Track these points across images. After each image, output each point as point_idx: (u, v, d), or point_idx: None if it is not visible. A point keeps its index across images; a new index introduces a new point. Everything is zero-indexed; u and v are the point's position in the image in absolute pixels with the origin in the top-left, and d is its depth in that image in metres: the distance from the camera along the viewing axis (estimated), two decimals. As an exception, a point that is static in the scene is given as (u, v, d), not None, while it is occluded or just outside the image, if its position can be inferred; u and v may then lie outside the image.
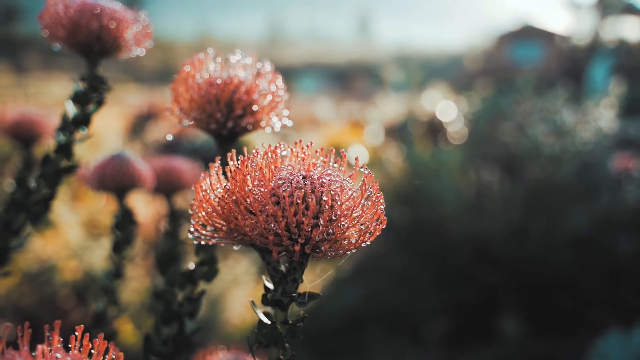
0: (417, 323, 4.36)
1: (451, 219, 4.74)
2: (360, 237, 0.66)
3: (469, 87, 10.34)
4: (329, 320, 4.40)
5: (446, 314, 4.33)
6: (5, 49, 27.03)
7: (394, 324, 4.39)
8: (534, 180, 4.60)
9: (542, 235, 4.30)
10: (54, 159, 1.08)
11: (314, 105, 15.22)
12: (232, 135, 0.94)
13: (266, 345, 0.68)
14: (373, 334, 4.27)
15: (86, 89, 1.10)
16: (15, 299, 3.98)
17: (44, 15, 1.05)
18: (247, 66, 0.97)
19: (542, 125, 4.96)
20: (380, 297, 4.60)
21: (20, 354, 0.49)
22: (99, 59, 1.12)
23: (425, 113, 8.85)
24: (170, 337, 0.95)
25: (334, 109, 14.34)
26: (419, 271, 4.65)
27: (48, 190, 1.06)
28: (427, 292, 4.50)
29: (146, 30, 1.13)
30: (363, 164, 0.69)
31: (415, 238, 4.94)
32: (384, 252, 5.27)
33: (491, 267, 4.34)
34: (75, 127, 1.09)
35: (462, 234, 4.62)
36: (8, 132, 1.66)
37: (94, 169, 1.44)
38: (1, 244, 1.02)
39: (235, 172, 0.65)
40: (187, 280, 0.98)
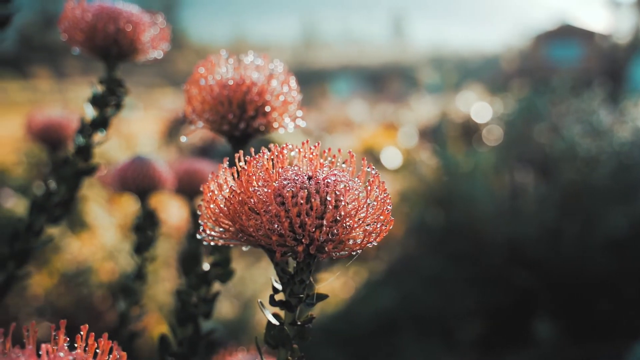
0: (450, 325, 4.32)
1: (485, 221, 4.68)
2: (365, 237, 0.65)
3: (505, 88, 10.21)
4: (362, 322, 4.39)
5: (480, 317, 4.28)
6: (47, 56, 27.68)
7: (427, 327, 4.36)
8: (570, 182, 4.52)
9: (577, 238, 4.22)
10: (73, 161, 1.10)
11: (348, 107, 15.20)
12: (244, 136, 0.94)
13: (274, 346, 0.67)
14: (406, 336, 4.24)
15: (104, 92, 1.11)
16: (53, 300, 4.07)
17: (63, 20, 1.07)
18: (260, 67, 0.97)
19: (578, 125, 4.88)
20: (413, 299, 4.57)
21: (24, 353, 0.50)
22: (117, 62, 1.13)
23: (459, 114, 8.78)
24: (186, 338, 0.96)
25: (367, 111, 14.30)
26: (453, 273, 4.60)
27: (67, 192, 1.08)
28: (460, 294, 4.45)
29: (163, 32, 1.14)
30: (370, 164, 0.68)
31: (449, 240, 4.90)
32: (417, 254, 5.24)
33: (525, 270, 4.28)
34: (93, 129, 1.11)
35: (496, 236, 4.56)
36: (37, 136, 1.70)
37: (116, 171, 1.47)
38: (23, 244, 1.05)
39: (241, 172, 0.66)
40: (202, 281, 0.98)
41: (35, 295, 4.02)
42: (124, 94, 1.13)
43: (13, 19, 1.15)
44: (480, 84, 13.71)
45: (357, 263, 5.56)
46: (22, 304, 3.95)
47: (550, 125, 5.32)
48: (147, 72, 25.45)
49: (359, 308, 4.61)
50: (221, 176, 0.69)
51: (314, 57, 39.21)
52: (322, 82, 23.44)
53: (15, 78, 22.63)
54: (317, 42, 50.48)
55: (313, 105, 16.28)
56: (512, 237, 4.46)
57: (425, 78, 16.40)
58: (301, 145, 0.70)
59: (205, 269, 1.00)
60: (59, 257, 4.18)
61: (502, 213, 4.68)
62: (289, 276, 0.68)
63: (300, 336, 0.67)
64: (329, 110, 14.48)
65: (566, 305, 4.17)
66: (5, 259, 1.03)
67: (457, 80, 13.23)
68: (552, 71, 17.28)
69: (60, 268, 4.14)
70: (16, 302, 3.94)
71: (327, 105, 16.20)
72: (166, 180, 1.47)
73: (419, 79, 16.78)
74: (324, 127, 11.41)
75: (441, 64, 25.44)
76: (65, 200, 1.08)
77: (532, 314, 4.15)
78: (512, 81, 13.08)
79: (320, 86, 21.35)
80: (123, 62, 1.14)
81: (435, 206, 5.22)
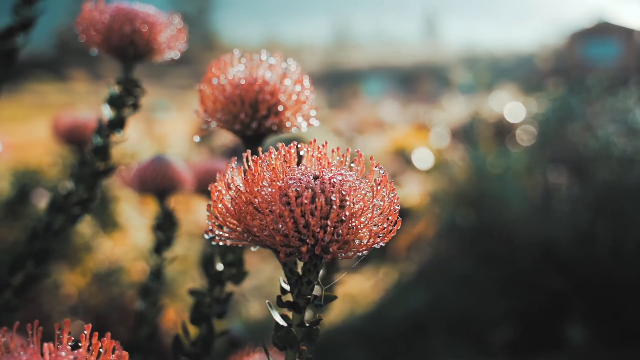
0: (480, 328, 4.27)
1: (516, 222, 4.62)
2: (371, 238, 0.64)
3: (539, 88, 10.06)
4: (392, 323, 4.37)
5: (510, 319, 4.22)
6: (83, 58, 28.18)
7: (457, 329, 4.32)
8: (604, 182, 4.43)
9: (612, 240, 4.13)
10: (91, 161, 1.11)
11: (379, 108, 15.14)
12: (257, 136, 0.94)
13: (281, 347, 0.67)
14: (436, 338, 4.21)
15: (121, 93, 1.12)
16: (85, 299, 4.13)
17: (81, 21, 1.08)
18: (273, 67, 0.96)
19: (613, 125, 4.78)
20: (443, 301, 4.54)
21: (26, 351, 0.50)
22: (133, 62, 1.14)
23: (492, 114, 8.67)
24: (200, 338, 0.96)
25: (399, 112, 14.22)
26: (483, 275, 4.55)
27: (86, 192, 1.09)
28: (491, 296, 4.40)
29: (180, 33, 1.14)
30: (378, 164, 0.67)
31: (480, 241, 4.85)
32: (448, 255, 5.20)
33: (558, 272, 4.21)
34: (111, 130, 1.12)
35: (527, 238, 4.50)
36: (63, 137, 1.72)
37: (135, 172, 1.47)
38: (42, 244, 1.06)
39: (247, 171, 0.65)
40: (216, 282, 0.98)
41: (68, 294, 4.08)
42: (141, 94, 1.14)
43: (37, 21, 1.16)
44: (513, 83, 13.53)
45: (388, 264, 5.54)
46: (55, 303, 4.02)
47: (584, 124, 5.23)
48: (180, 73, 25.73)
49: (389, 309, 4.60)
50: (228, 175, 0.69)
51: (346, 57, 39.14)
52: (354, 82, 23.40)
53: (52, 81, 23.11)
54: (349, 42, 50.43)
55: (344, 106, 16.26)
56: (544, 239, 4.39)
57: (457, 78, 16.24)
58: (309, 144, 0.69)
59: (218, 270, 1.00)
60: (91, 257, 4.24)
61: (534, 214, 4.62)
62: (297, 277, 0.67)
63: (309, 338, 0.66)
64: (360, 111, 14.44)
65: (598, 308, 4.09)
66: (25, 258, 1.04)
67: (490, 79, 13.09)
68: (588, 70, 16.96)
69: (92, 268, 4.20)
70: (49, 301, 4.01)
71: (359, 105, 16.16)
72: (185, 180, 1.48)
73: (452, 79, 16.63)
74: (355, 128, 11.39)
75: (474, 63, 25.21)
76: (83, 200, 1.09)
77: (563, 317, 4.08)
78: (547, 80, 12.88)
79: (351, 87, 21.32)
80: (140, 62, 1.15)
81: (467, 207, 5.17)
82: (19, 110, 13.99)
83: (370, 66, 34.47)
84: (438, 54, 39.63)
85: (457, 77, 16.19)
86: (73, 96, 17.94)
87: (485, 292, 4.45)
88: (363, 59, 37.92)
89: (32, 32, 1.17)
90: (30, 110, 14.54)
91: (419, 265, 5.42)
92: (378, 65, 34.74)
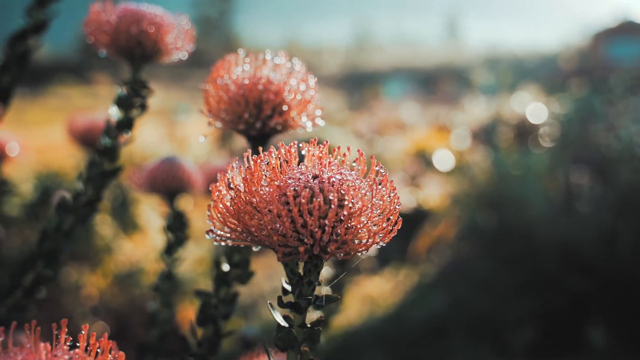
0: (501, 330, 4.23)
1: (538, 224, 4.57)
2: (371, 238, 0.63)
3: (563, 88, 9.96)
4: (412, 325, 4.35)
5: (531, 322, 4.18)
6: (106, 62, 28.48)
7: (477, 331, 4.28)
8: (627, 183, 4.37)
9: (634, 241, 4.07)
10: (99, 162, 1.11)
11: (400, 109, 15.08)
12: (261, 135, 0.94)
13: (283, 349, 0.66)
14: (456, 341, 4.18)
15: (129, 94, 1.12)
16: (107, 300, 4.16)
17: (89, 22, 1.09)
18: (278, 66, 0.96)
19: (635, 125, 4.72)
20: (463, 303, 4.50)
21: (22, 351, 0.50)
22: (141, 63, 1.14)
23: (514, 115, 8.60)
24: (206, 339, 0.96)
25: (420, 113, 14.15)
26: (504, 277, 4.51)
27: (94, 193, 1.10)
28: (511, 298, 4.36)
29: (188, 34, 1.14)
30: (379, 163, 0.66)
31: (500, 243, 4.81)
32: (468, 257, 5.16)
33: (579, 274, 4.16)
34: (119, 131, 1.12)
35: (549, 239, 4.45)
36: (78, 139, 1.74)
37: (145, 173, 1.48)
38: (51, 245, 1.07)
39: (246, 170, 0.65)
40: (222, 282, 0.98)
41: (89, 295, 4.12)
42: (148, 95, 1.14)
43: (50, 23, 1.18)
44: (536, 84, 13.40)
45: (408, 266, 5.52)
46: (77, 304, 4.06)
47: (607, 125, 5.18)
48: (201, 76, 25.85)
49: (409, 311, 4.57)
50: (229, 175, 0.68)
51: (367, 59, 39.08)
52: (375, 84, 23.33)
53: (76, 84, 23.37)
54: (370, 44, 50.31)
55: (365, 107, 16.22)
56: (565, 240, 4.34)
57: (479, 79, 16.11)
58: (309, 143, 0.69)
59: (224, 270, 0.99)
60: (112, 259, 4.28)
61: (556, 215, 4.57)
62: (298, 277, 0.66)
63: (311, 339, 0.65)
64: (381, 113, 14.39)
65: (621, 311, 4.03)
66: (35, 259, 1.05)
67: (512, 80, 12.96)
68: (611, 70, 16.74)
69: (113, 269, 4.24)
70: (71, 301, 4.05)
71: (379, 107, 16.11)
72: (195, 181, 1.48)
73: (473, 80, 16.50)
74: (375, 130, 11.36)
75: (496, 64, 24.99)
76: (91, 201, 1.09)
77: (585, 320, 4.03)
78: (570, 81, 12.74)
79: (372, 88, 21.26)
80: (147, 63, 1.15)
81: (487, 208, 5.13)
82: (43, 114, 14.17)
83: (391, 68, 34.38)
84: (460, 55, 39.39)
85: (478, 78, 16.06)
86: (96, 99, 18.12)
87: (505, 294, 4.41)
88: (384, 61, 37.82)
89: (45, 34, 1.18)
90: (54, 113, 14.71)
91: (439, 267, 5.39)
92: (399, 66, 34.63)
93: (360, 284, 5.25)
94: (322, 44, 51.90)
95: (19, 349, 0.51)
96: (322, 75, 29.49)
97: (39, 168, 5.44)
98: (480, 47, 44.87)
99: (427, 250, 5.66)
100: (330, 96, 19.13)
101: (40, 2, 1.20)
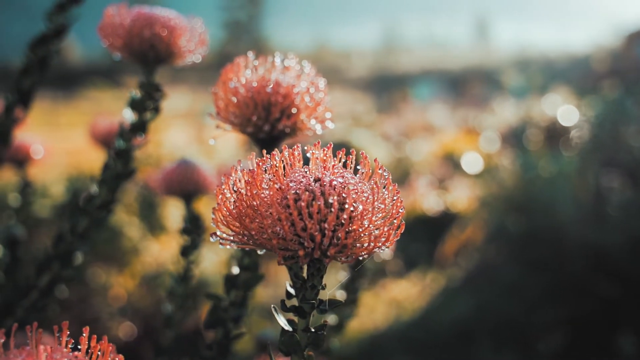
0: (529, 336, 4.17)
1: (567, 227, 4.50)
2: (372, 242, 0.62)
3: (594, 90, 9.80)
4: (438, 330, 4.31)
5: (560, 327, 4.11)
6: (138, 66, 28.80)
7: (504, 336, 4.23)
8: (659, 187, 4.29)
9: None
10: (113, 164, 1.12)
11: (429, 112, 14.99)
12: (271, 138, 0.93)
13: (286, 353, 0.66)
14: (483, 346, 4.13)
15: (143, 97, 1.13)
16: (134, 300, 4.21)
17: (103, 26, 1.10)
18: (288, 69, 0.95)
19: (669, 127, 4.62)
20: (490, 307, 4.45)
21: (20, 353, 0.50)
22: (154, 66, 1.15)
23: (544, 118, 8.49)
24: (215, 342, 0.96)
25: (449, 116, 14.05)
26: (532, 281, 4.45)
27: (108, 195, 1.11)
28: (539, 303, 4.29)
29: (201, 37, 1.15)
30: (382, 166, 0.65)
31: (528, 247, 4.74)
32: (495, 261, 5.11)
33: (609, 279, 4.08)
34: (132, 133, 1.13)
35: (578, 243, 4.38)
36: (100, 141, 1.76)
37: (162, 175, 1.49)
38: (66, 247, 1.08)
39: (248, 173, 0.64)
40: (231, 285, 0.98)
41: (117, 296, 4.17)
42: (161, 98, 1.15)
43: (70, 28, 1.19)
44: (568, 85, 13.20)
45: (435, 269, 5.48)
46: (105, 304, 4.10)
47: (639, 127, 5.08)
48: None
49: (435, 315, 4.54)
50: (232, 178, 0.68)
51: (396, 61, 38.86)
52: (403, 87, 23.22)
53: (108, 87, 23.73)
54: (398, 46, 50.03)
55: (393, 110, 16.15)
56: (595, 245, 4.26)
57: (509, 81, 15.94)
58: (313, 146, 0.68)
59: (234, 273, 0.99)
60: (139, 260, 4.33)
61: (585, 219, 4.49)
62: (302, 281, 0.66)
63: (315, 343, 0.64)
64: (409, 115, 14.32)
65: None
66: (50, 260, 1.06)
67: (543, 82, 12.80)
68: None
69: (140, 270, 4.28)
70: (99, 302, 4.10)
71: (408, 110, 16.03)
72: (211, 183, 1.48)
73: (503, 82, 16.33)
74: (403, 132, 11.30)
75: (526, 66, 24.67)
76: (105, 203, 1.10)
77: (615, 326, 3.95)
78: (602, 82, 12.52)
79: (401, 91, 21.17)
80: (161, 66, 1.16)
81: (515, 212, 5.06)
82: (76, 116, 14.39)
83: (420, 70, 34.17)
84: (489, 57, 38.98)
85: (508, 80, 15.88)
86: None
87: (533, 298, 4.35)
88: (413, 63, 37.61)
89: (65, 38, 1.20)
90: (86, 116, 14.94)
91: (467, 271, 5.34)
92: (428, 69, 34.41)
93: (387, 288, 5.23)
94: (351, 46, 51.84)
95: (19, 351, 0.51)
96: (350, 78, 29.44)
97: (70, 170, 5.53)
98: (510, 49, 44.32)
99: (454, 253, 5.61)
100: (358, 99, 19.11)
101: (60, 7, 1.21)
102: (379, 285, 5.26)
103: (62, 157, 6.57)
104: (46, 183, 4.73)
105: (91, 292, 4.17)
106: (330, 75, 29.54)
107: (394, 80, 28.05)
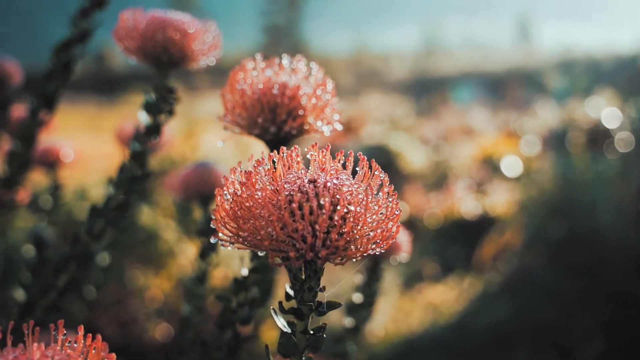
0: (567, 342, 4.08)
1: (607, 232, 4.40)
2: (366, 244, 0.61)
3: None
4: (475, 334, 4.26)
5: (599, 334, 4.01)
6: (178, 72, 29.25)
7: (542, 342, 4.15)
8: None
9: None
10: (129, 167, 1.14)
11: (468, 115, 14.83)
12: (277, 140, 0.93)
13: (285, 355, 0.65)
14: (520, 352, 4.06)
15: (157, 100, 1.14)
16: (170, 302, 4.26)
17: (118, 30, 1.12)
18: (296, 71, 0.95)
19: None
20: (528, 312, 4.38)
21: (14, 351, 0.51)
22: (168, 69, 1.16)
23: (587, 120, 8.32)
24: (225, 343, 0.96)
25: (488, 119, 13.87)
26: (571, 287, 4.36)
27: (124, 197, 1.12)
28: (578, 309, 4.20)
29: (215, 41, 1.16)
30: (378, 167, 0.64)
31: (568, 252, 4.65)
32: (534, 266, 5.02)
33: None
34: (147, 136, 1.14)
35: (618, 249, 4.27)
36: (126, 144, 1.78)
37: (179, 178, 1.50)
38: (83, 248, 1.09)
39: (244, 175, 0.64)
40: (240, 287, 0.98)
41: (154, 298, 4.22)
42: (175, 101, 1.16)
43: (93, 33, 1.21)
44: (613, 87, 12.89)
45: (472, 274, 5.41)
46: (142, 306, 4.17)
47: (685, 129, 4.95)
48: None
49: (472, 320, 4.49)
50: (231, 179, 0.68)
51: (435, 64, 38.55)
52: (443, 89, 23.02)
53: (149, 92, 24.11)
54: (438, 49, 49.61)
55: (433, 113, 16.03)
56: (636, 249, 4.16)
57: (552, 83, 15.65)
58: (311, 147, 0.67)
59: (243, 275, 0.99)
60: (175, 262, 4.38)
61: (627, 224, 4.38)
62: (301, 283, 0.65)
63: (313, 345, 0.64)
64: (449, 118, 14.20)
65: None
66: (68, 261, 1.08)
67: (587, 84, 12.54)
68: (695, 71, 15.93)
69: (176, 272, 4.33)
70: (136, 303, 4.17)
71: (447, 113, 15.89)
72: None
73: (545, 84, 16.04)
74: (442, 136, 11.21)
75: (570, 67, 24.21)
76: (121, 205, 1.12)
77: (656, 335, 3.85)
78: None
79: (440, 94, 20.99)
80: (175, 69, 1.17)
81: (555, 216, 4.97)
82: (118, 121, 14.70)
83: (460, 73, 33.83)
84: (531, 59, 38.34)
85: (551, 82, 15.60)
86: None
87: (572, 304, 4.26)
88: (453, 66, 37.26)
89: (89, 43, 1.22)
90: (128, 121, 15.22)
91: (505, 275, 5.26)
92: (468, 71, 34.04)
93: (424, 292, 5.19)
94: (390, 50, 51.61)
95: (14, 349, 0.52)
96: (390, 82, 29.31)
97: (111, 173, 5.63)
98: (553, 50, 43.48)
99: (492, 258, 5.53)
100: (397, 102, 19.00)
101: (84, 12, 1.24)
102: (416, 290, 5.22)
103: (104, 161, 6.71)
104: (85, 186, 4.83)
105: (128, 294, 4.23)
106: (369, 79, 29.45)
107: (434, 83, 27.82)
